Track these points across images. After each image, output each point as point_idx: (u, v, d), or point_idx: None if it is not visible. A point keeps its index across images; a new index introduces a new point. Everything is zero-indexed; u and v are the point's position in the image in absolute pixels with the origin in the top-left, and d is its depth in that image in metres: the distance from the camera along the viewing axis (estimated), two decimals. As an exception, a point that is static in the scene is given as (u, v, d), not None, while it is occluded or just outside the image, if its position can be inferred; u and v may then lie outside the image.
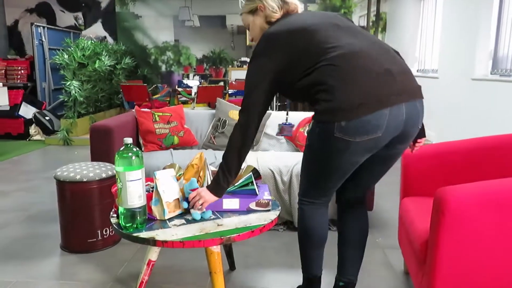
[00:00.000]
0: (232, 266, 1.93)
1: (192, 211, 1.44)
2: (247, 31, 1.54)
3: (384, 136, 1.22)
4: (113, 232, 2.15)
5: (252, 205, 1.52)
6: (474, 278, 1.17)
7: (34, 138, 5.39)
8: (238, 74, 7.03)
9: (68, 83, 5.17)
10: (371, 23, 6.79)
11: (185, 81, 6.56)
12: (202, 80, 7.03)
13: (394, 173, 3.60)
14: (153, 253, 1.55)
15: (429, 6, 5.30)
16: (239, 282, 1.82)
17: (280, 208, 1.57)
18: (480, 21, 3.76)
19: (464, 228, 1.13)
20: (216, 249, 1.41)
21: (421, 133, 1.45)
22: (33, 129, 5.43)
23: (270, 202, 1.53)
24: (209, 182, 1.59)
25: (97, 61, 5.42)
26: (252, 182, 1.54)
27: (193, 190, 1.44)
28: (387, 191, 3.05)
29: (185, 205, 1.47)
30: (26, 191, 3.15)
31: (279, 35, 1.33)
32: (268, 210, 1.53)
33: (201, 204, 1.41)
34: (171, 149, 2.74)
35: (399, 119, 1.22)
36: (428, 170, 1.72)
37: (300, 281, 1.81)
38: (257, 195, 1.54)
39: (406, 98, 1.23)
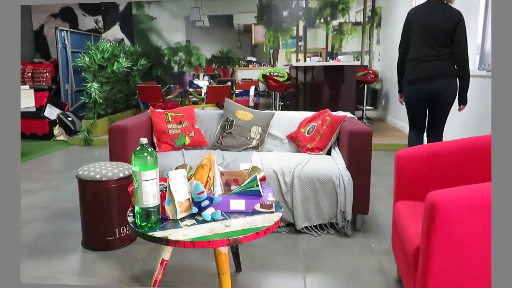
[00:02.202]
0: (238, 268, 1.93)
1: (202, 212, 1.49)
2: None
3: (417, 93, 2.76)
4: (130, 230, 2.22)
5: (257, 206, 1.55)
6: (466, 285, 1.14)
7: (58, 138, 5.59)
8: (244, 74, 7.01)
9: (89, 85, 5.34)
10: (367, 19, 6.73)
11: (196, 81, 6.64)
12: (211, 80, 7.06)
13: (390, 175, 3.58)
14: (166, 253, 1.58)
15: (421, 0, 5.22)
16: (245, 283, 1.82)
17: (282, 209, 1.58)
18: (468, 15, 3.68)
19: (456, 233, 1.09)
20: (224, 250, 1.43)
21: (460, 101, 2.73)
22: (57, 130, 5.63)
23: (273, 203, 1.56)
24: (218, 183, 1.66)
25: (115, 63, 5.56)
26: (257, 183, 1.55)
27: (199, 193, 1.47)
28: (382, 194, 3.03)
29: (194, 210, 1.50)
30: (50, 190, 3.29)
31: (408, 13, 2.84)
32: (272, 212, 1.55)
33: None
34: (183, 149, 2.79)
35: (424, 89, 2.74)
36: (420, 172, 1.66)
37: (301, 285, 1.81)
38: (261, 196, 1.56)
39: (426, 81, 2.72)
